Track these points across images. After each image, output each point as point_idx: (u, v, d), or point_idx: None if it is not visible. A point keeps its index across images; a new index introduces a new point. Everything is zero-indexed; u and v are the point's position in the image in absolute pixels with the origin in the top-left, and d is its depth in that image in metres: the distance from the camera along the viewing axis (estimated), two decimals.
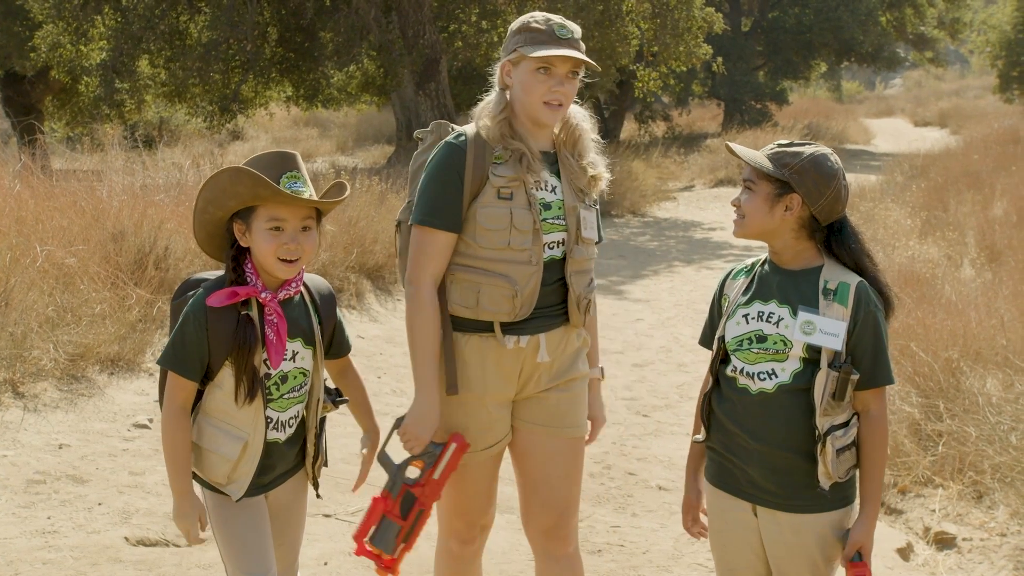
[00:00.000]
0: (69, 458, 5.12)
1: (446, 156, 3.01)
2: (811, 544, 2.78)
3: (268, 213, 2.75)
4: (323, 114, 29.66)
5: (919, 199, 13.37)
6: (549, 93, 2.98)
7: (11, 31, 18.96)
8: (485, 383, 3.05)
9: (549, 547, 3.18)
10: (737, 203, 2.86)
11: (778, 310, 2.78)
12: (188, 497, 2.81)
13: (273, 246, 2.76)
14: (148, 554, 4.27)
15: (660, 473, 5.70)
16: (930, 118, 37.90)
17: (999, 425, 5.18)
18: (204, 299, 2.75)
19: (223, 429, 2.82)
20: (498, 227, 2.97)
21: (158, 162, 10.40)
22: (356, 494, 5.11)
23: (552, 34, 2.98)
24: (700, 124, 31.96)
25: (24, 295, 5.98)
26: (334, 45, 16.50)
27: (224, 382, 2.79)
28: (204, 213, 2.80)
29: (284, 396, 2.87)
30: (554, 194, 3.05)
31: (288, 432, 2.91)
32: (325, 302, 2.99)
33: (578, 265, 3.07)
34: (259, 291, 2.79)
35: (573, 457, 3.18)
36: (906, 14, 31.57)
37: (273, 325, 2.80)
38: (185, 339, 2.75)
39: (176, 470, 2.79)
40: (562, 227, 3.05)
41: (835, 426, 2.71)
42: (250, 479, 2.85)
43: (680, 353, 8.54)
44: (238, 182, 2.71)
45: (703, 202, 19.53)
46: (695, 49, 18.21)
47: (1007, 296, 6.97)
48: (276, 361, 2.81)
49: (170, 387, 2.80)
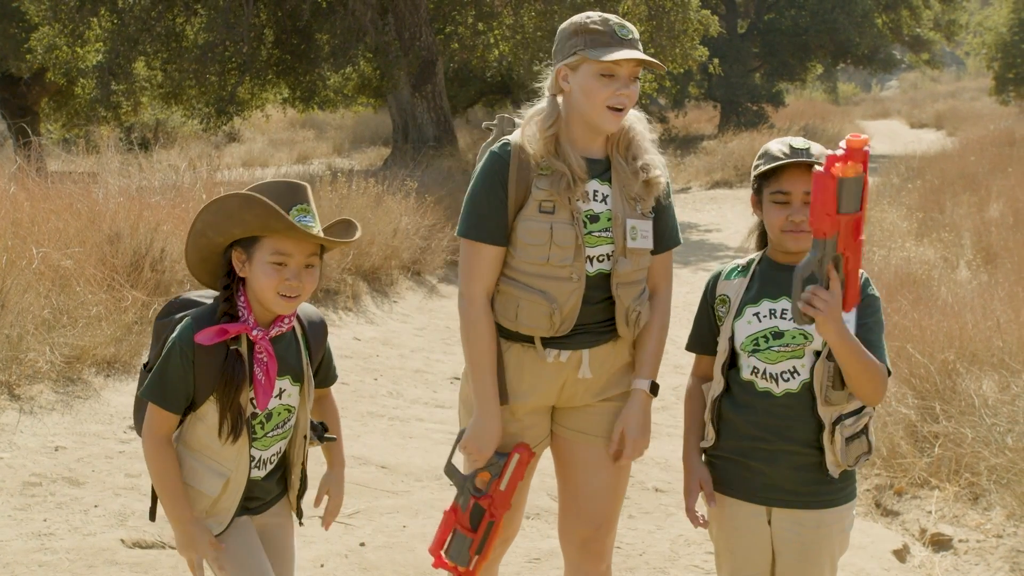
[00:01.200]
0: (65, 460, 5.11)
1: (490, 166, 2.92)
2: (830, 538, 2.80)
3: (274, 246, 2.61)
4: (319, 116, 29.69)
5: (915, 201, 13.37)
6: (614, 97, 2.84)
7: (7, 33, 18.96)
8: (521, 392, 2.99)
9: (583, 563, 3.10)
10: (802, 214, 2.76)
11: (790, 306, 2.77)
12: (192, 523, 2.67)
13: (275, 281, 2.61)
14: (144, 556, 4.26)
15: (657, 475, 5.69)
16: (926, 120, 37.90)
17: (995, 427, 5.19)
18: (192, 331, 2.61)
19: (204, 464, 2.70)
20: (538, 242, 2.87)
21: (154, 164, 10.39)
22: (353, 495, 5.11)
23: (614, 35, 2.84)
24: (696, 126, 31.99)
25: (20, 297, 5.97)
26: (330, 47, 16.51)
27: (207, 416, 2.67)
28: (202, 236, 2.65)
29: (268, 435, 2.76)
30: (604, 204, 2.93)
31: (268, 468, 2.81)
32: (316, 334, 2.87)
33: (625, 277, 2.94)
34: (250, 328, 2.65)
35: (616, 470, 3.08)
36: (902, 16, 31.62)
37: (263, 364, 2.67)
38: (170, 372, 2.62)
39: (173, 499, 2.67)
40: (609, 239, 2.93)
41: (844, 415, 2.72)
42: (231, 514, 2.74)
43: (677, 355, 8.50)
44: (247, 210, 2.56)
45: (699, 204, 19.54)
46: (691, 51, 18.21)
47: (1003, 298, 6.97)
48: (263, 402, 2.69)
49: (151, 419, 2.66)
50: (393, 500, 5.13)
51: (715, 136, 27.17)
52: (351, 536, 4.67)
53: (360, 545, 4.57)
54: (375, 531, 4.74)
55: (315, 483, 3.04)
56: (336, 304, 8.85)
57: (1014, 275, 7.90)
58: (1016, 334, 6.06)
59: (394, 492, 5.24)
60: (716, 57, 23.14)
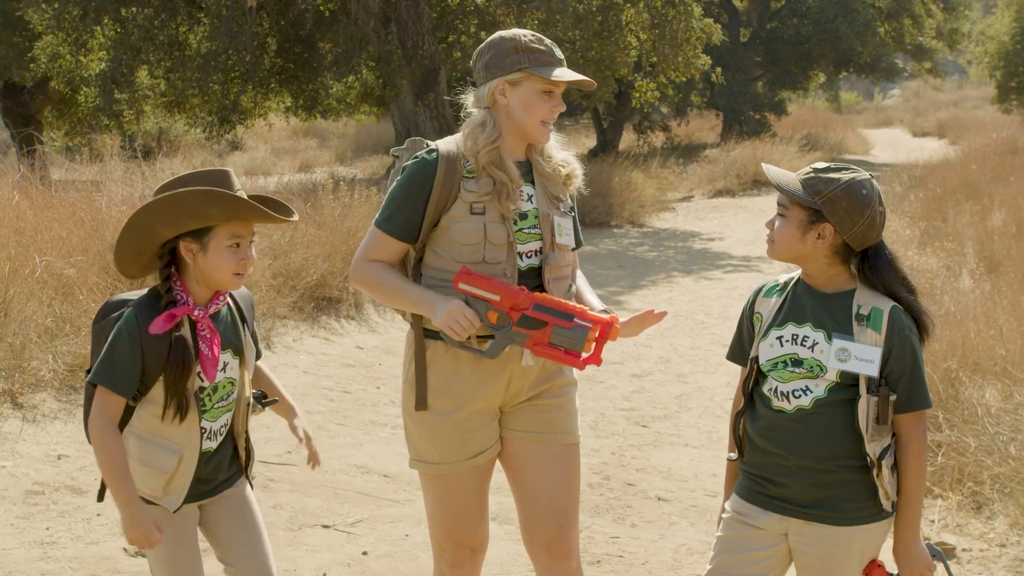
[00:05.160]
0: (68, 469, 5.12)
1: (416, 170, 3.04)
2: (851, 556, 2.79)
3: (230, 231, 2.78)
4: (322, 124, 29.69)
5: (918, 209, 13.38)
6: (549, 113, 3.06)
7: (10, 42, 18.98)
8: (466, 393, 3.04)
9: (552, 565, 3.15)
10: (770, 226, 2.83)
11: (813, 334, 2.76)
12: (137, 503, 2.77)
13: (233, 263, 2.80)
14: (146, 565, 4.25)
15: (659, 484, 5.69)
16: (928, 128, 37.93)
17: (998, 436, 5.18)
18: (136, 318, 2.75)
19: (157, 443, 2.81)
20: (472, 241, 3.00)
21: (157, 172, 10.40)
22: (356, 503, 5.11)
23: (553, 55, 3.05)
24: (699, 135, 32.00)
25: (23, 306, 5.98)
26: (333, 56, 16.51)
27: (157, 397, 2.80)
28: (143, 233, 2.78)
29: (215, 407, 2.90)
30: (530, 203, 3.09)
31: (218, 440, 2.94)
32: (247, 305, 3.04)
33: (555, 272, 3.10)
34: (192, 309, 2.80)
35: (568, 465, 3.16)
36: (904, 25, 31.61)
37: (207, 340, 2.83)
38: (118, 356, 2.74)
39: (118, 480, 2.76)
40: (538, 236, 3.08)
41: (885, 448, 2.72)
42: (187, 490, 2.86)
43: (679, 364, 8.53)
44: (210, 203, 2.72)
45: (702, 212, 19.54)
46: (694, 60, 18.22)
47: (1006, 307, 6.97)
48: (212, 375, 2.85)
49: (100, 402, 2.77)
50: (395, 509, 5.13)
51: (717, 145, 27.17)
52: (353, 545, 4.66)
53: (362, 554, 4.57)
54: (377, 540, 4.74)
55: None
56: (339, 313, 8.85)
57: (1017, 284, 7.90)
58: (1019, 343, 6.06)
59: (396, 501, 5.24)
60: (719, 66, 23.15)
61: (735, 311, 9.61)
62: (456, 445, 3.08)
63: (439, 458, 3.11)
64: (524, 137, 3.10)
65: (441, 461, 3.10)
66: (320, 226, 9.30)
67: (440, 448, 3.09)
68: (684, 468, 5.95)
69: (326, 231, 9.22)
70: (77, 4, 15.45)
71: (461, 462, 3.10)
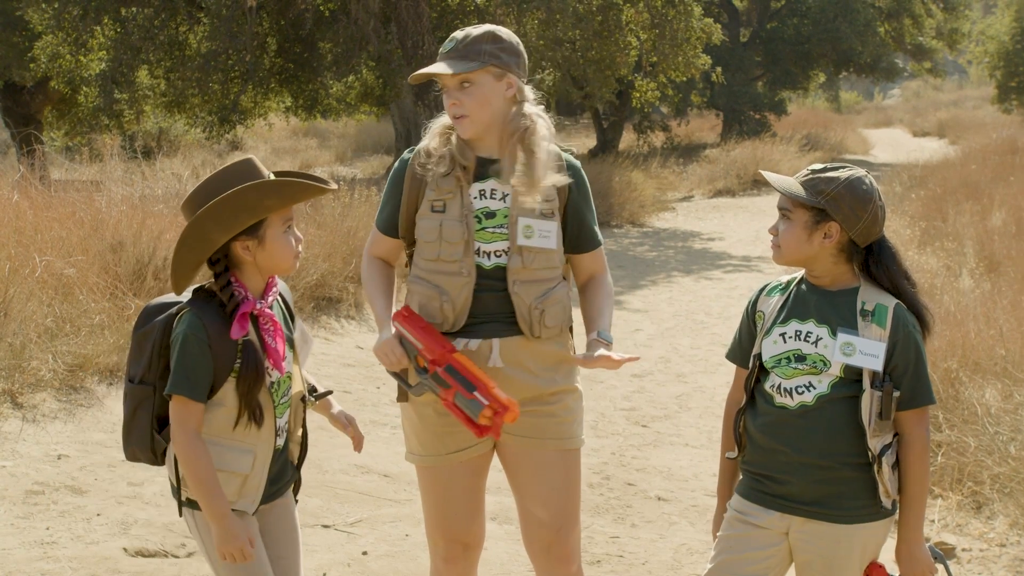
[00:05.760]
0: (68, 469, 5.12)
1: (395, 168, 3.15)
2: (852, 554, 2.79)
3: (282, 216, 2.74)
4: (322, 124, 29.67)
5: (918, 209, 13.38)
6: (451, 108, 3.02)
7: (10, 42, 18.98)
8: None
9: (551, 568, 3.14)
10: (775, 231, 2.84)
11: (816, 329, 2.77)
12: (231, 517, 2.68)
13: (292, 246, 2.76)
14: (147, 565, 4.26)
15: (659, 484, 5.69)
16: (928, 128, 37.93)
17: (998, 436, 5.19)
18: (199, 318, 2.66)
19: (228, 446, 2.73)
20: (430, 239, 3.03)
21: (157, 172, 10.41)
22: (356, 503, 5.11)
23: (442, 52, 3.04)
24: (699, 134, 31.97)
25: (23, 306, 5.98)
26: (333, 56, 16.52)
27: (226, 399, 2.71)
28: (199, 244, 2.69)
29: (280, 402, 2.83)
30: (503, 202, 3.03)
31: (284, 436, 2.88)
32: (289, 296, 3.00)
33: (519, 275, 3.01)
34: (254, 304, 2.74)
35: (565, 470, 3.13)
36: (904, 25, 31.60)
37: (271, 333, 2.76)
38: (191, 362, 2.65)
39: (211, 493, 2.66)
40: (505, 236, 3.02)
41: (887, 445, 2.73)
42: (262, 490, 2.79)
43: (679, 363, 8.53)
44: (265, 195, 2.67)
45: (702, 212, 19.54)
46: (694, 59, 18.21)
47: (1006, 306, 6.97)
48: (281, 367, 2.79)
49: (182, 414, 2.66)
50: (396, 509, 5.13)
51: (717, 144, 27.15)
52: (353, 545, 4.66)
53: (363, 554, 4.57)
54: (377, 540, 4.74)
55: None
56: (339, 313, 8.85)
57: (1017, 284, 7.90)
58: (1019, 343, 6.06)
59: (396, 501, 5.24)
60: (719, 65, 23.11)
61: (735, 311, 9.61)
62: (438, 438, 3.09)
63: (421, 450, 3.14)
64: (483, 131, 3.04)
65: (423, 453, 3.14)
66: (320, 226, 9.30)
67: (421, 440, 3.13)
68: (684, 468, 5.96)
69: (326, 231, 9.22)
70: (77, 4, 15.45)
71: (443, 455, 3.10)
